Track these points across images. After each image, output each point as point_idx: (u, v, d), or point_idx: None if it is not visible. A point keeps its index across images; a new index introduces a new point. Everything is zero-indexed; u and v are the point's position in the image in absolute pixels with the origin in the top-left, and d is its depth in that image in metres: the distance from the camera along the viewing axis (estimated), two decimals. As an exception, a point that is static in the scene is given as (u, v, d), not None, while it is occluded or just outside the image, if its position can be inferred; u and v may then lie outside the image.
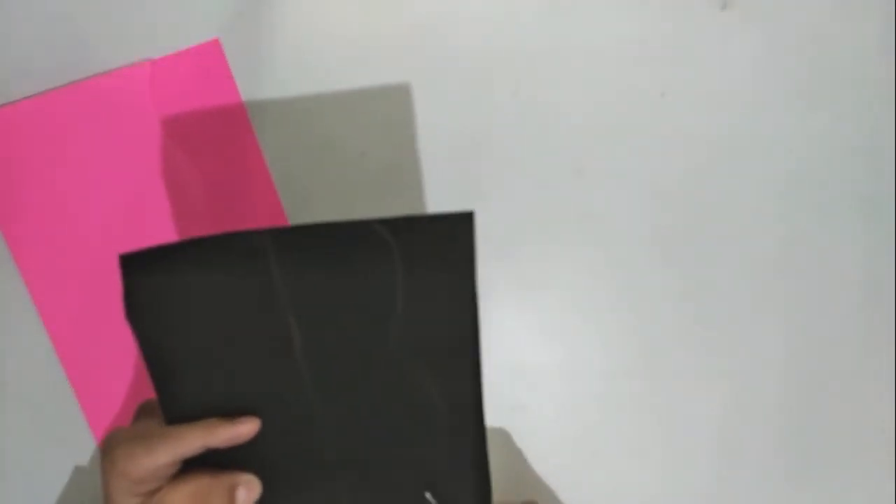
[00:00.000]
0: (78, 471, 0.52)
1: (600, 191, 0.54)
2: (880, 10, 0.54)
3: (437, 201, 0.53)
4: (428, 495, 0.41)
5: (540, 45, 0.52)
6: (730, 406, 0.55)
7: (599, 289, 0.54)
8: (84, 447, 0.52)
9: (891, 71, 0.54)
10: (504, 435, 0.54)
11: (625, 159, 0.54)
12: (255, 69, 0.51)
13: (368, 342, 0.39)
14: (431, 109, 0.52)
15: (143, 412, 0.42)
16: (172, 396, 0.40)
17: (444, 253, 0.37)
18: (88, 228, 0.50)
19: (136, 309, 0.38)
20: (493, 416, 0.53)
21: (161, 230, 0.51)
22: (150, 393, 0.51)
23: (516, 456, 0.42)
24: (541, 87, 0.53)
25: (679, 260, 0.54)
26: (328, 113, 0.51)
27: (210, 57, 0.50)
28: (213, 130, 0.51)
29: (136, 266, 0.37)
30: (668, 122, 0.53)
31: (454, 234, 0.37)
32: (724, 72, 0.53)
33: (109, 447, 0.38)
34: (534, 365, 0.54)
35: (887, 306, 0.56)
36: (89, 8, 0.49)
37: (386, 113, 0.52)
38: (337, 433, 0.41)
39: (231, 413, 0.40)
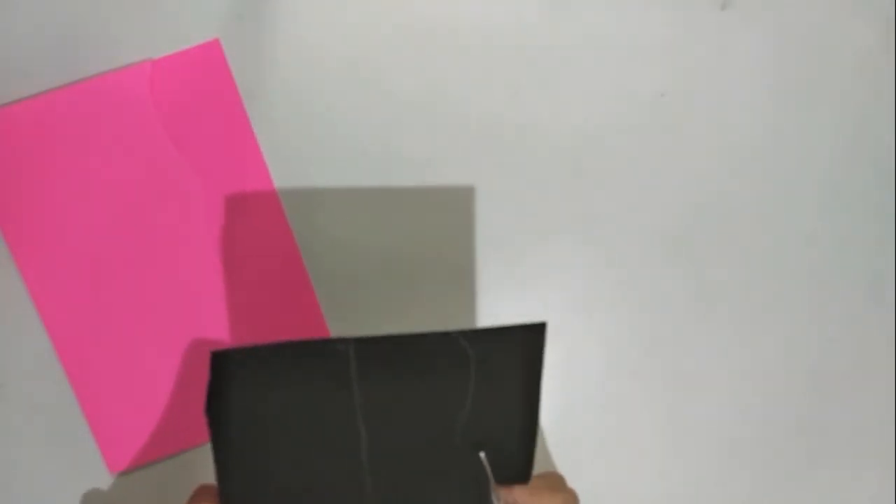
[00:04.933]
0: (78, 472, 0.52)
1: (600, 191, 0.54)
2: (880, 10, 0.54)
3: (436, 201, 0.53)
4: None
5: (540, 45, 0.52)
6: (730, 406, 0.55)
7: (599, 288, 0.54)
8: (84, 448, 0.52)
9: (891, 71, 0.54)
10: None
11: (625, 159, 0.54)
12: (255, 69, 0.51)
13: (433, 441, 0.41)
14: (430, 109, 0.52)
15: (201, 495, 0.43)
16: (235, 486, 0.41)
17: (517, 360, 0.40)
18: (88, 228, 0.50)
19: (219, 406, 0.40)
20: (494, 416, 0.53)
21: (160, 230, 0.51)
22: (151, 396, 0.51)
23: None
24: (541, 87, 0.53)
25: (679, 260, 0.54)
26: (328, 113, 0.51)
27: (210, 57, 0.50)
28: (212, 131, 0.51)
29: (225, 366, 0.39)
30: (668, 122, 0.54)
31: (529, 343, 0.40)
32: (724, 72, 0.53)
33: None
34: (534, 365, 0.54)
35: (887, 306, 0.56)
36: (89, 8, 0.49)
37: (385, 112, 0.52)
38: None
39: None
